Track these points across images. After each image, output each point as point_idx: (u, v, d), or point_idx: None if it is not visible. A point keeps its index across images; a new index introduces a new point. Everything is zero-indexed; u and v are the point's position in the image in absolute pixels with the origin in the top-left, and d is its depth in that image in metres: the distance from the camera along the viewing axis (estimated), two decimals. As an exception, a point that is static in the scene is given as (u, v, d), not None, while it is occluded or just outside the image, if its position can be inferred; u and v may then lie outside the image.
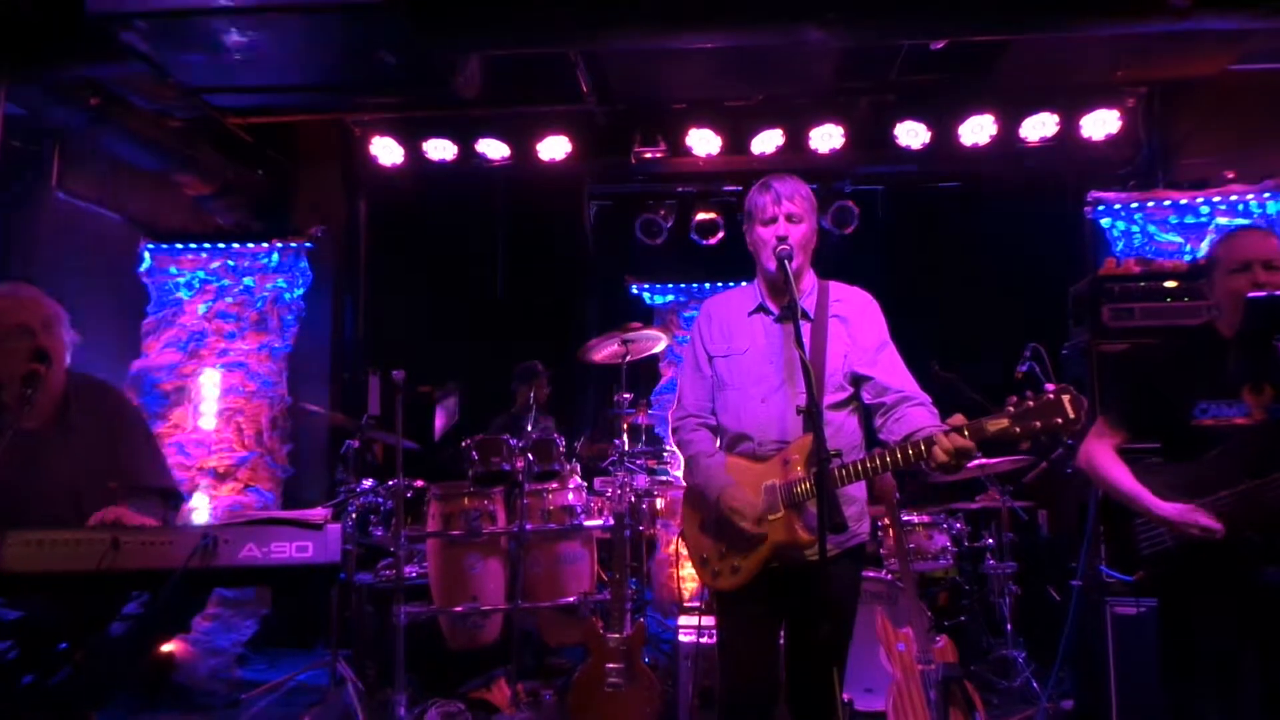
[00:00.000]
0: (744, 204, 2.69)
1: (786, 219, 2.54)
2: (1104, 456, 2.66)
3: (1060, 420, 2.16)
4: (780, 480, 2.46)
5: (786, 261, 2.46)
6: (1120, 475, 2.60)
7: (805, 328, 2.50)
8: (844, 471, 2.40)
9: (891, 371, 2.57)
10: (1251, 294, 2.45)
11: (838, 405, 2.57)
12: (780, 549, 2.46)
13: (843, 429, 2.57)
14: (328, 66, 4.81)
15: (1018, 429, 2.20)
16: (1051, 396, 2.18)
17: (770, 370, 2.58)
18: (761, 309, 2.67)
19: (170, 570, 2.24)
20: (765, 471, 2.50)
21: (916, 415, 2.43)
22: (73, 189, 5.60)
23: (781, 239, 2.51)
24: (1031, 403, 2.20)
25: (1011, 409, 2.23)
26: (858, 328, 2.61)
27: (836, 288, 2.69)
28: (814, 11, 4.06)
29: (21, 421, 2.45)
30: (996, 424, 2.23)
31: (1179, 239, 5.39)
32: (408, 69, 4.65)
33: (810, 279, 2.68)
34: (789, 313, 2.50)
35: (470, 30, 4.34)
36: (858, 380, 2.60)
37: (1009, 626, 4.69)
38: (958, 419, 2.27)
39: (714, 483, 2.55)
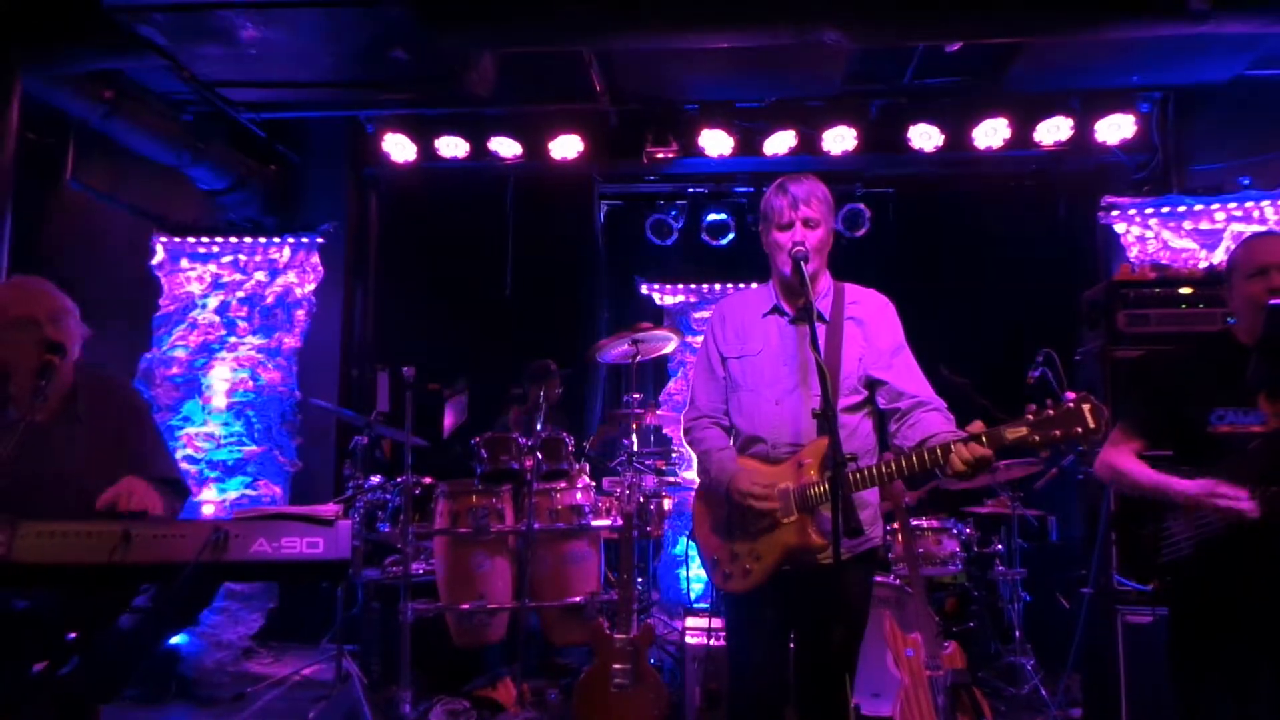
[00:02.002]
0: (760, 205, 2.67)
1: (803, 224, 2.52)
2: (1122, 459, 2.63)
3: (1081, 429, 2.14)
4: (794, 484, 2.44)
5: (802, 263, 2.45)
6: (1139, 470, 2.57)
7: (820, 330, 2.48)
8: (859, 476, 2.37)
9: (907, 376, 2.55)
10: (1273, 301, 2.43)
11: (852, 408, 2.55)
12: (793, 552, 2.44)
13: (857, 432, 2.56)
14: (342, 62, 4.81)
15: (1037, 437, 2.18)
16: (1072, 405, 2.15)
17: (784, 372, 2.57)
18: (776, 310, 2.65)
19: (181, 564, 2.23)
20: (778, 474, 2.48)
21: (932, 420, 2.41)
22: (86, 181, 5.62)
23: (797, 244, 2.49)
24: (1052, 411, 2.18)
25: (1031, 417, 2.20)
26: (873, 330, 2.59)
27: (852, 290, 2.67)
28: (830, 12, 4.05)
29: (34, 414, 2.45)
30: (1015, 432, 2.20)
31: (1194, 245, 5.36)
32: (421, 66, 4.67)
33: (826, 281, 2.66)
34: (804, 314, 2.48)
35: (483, 27, 4.35)
36: (872, 384, 2.58)
37: (1018, 633, 4.66)
38: (976, 426, 2.24)
39: (725, 472, 2.53)
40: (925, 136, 5.79)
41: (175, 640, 4.85)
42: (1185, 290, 4.27)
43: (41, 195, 5.36)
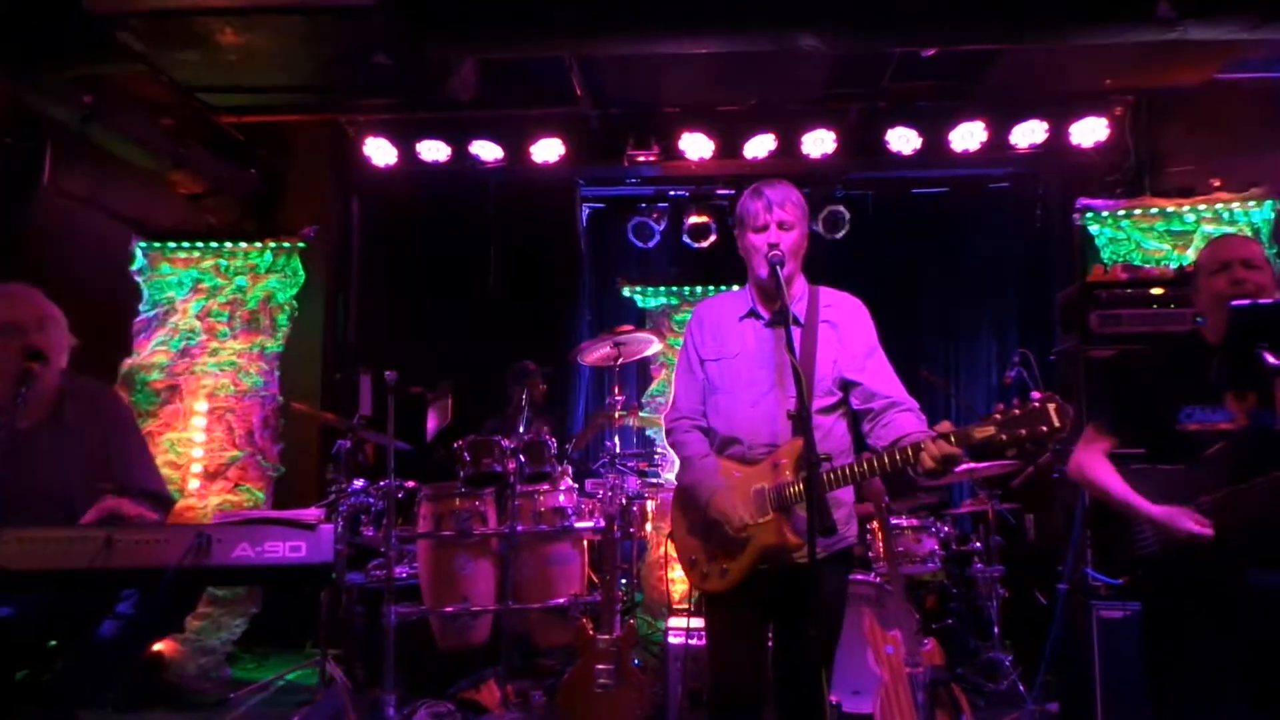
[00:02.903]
0: (735, 209, 2.71)
1: (778, 226, 2.57)
2: (1094, 462, 2.69)
3: (1045, 428, 2.19)
4: (770, 484, 2.49)
5: (778, 267, 2.49)
6: (1110, 480, 2.63)
7: (796, 333, 2.53)
8: (833, 476, 2.42)
9: (880, 377, 2.60)
10: (1235, 302, 2.49)
11: (827, 410, 2.60)
12: (769, 552, 2.48)
13: (832, 433, 2.60)
14: (323, 67, 4.81)
15: (1004, 436, 2.23)
16: (1037, 405, 2.21)
17: (761, 374, 2.61)
18: (753, 314, 2.69)
19: (164, 569, 2.25)
20: (755, 475, 2.53)
21: (904, 421, 2.46)
22: (65, 187, 5.59)
23: (773, 246, 2.54)
24: (1018, 411, 2.23)
25: (998, 416, 2.26)
26: (847, 333, 2.64)
27: (827, 293, 2.71)
28: (807, 18, 4.10)
29: (15, 420, 2.46)
30: (983, 431, 2.26)
31: (1166, 246, 5.45)
32: (403, 71, 4.67)
33: (801, 284, 2.70)
34: (780, 318, 2.53)
35: (465, 33, 4.37)
36: (846, 385, 2.62)
37: (996, 629, 4.72)
38: (945, 426, 2.29)
39: (705, 484, 2.58)
40: (903, 140, 5.85)
41: (158, 646, 4.84)
42: (1156, 291, 4.35)
43: (19, 200, 5.32)
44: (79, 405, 2.74)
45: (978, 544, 4.90)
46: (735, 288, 2.86)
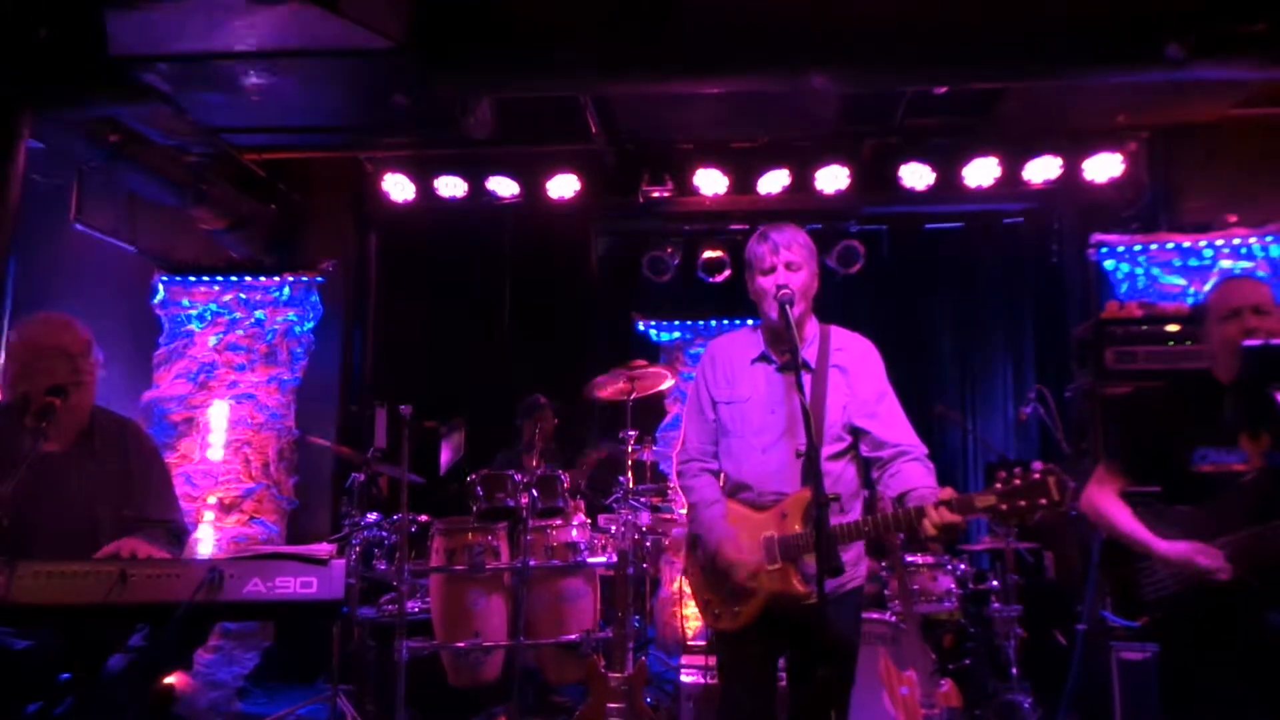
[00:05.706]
0: (744, 254, 2.74)
1: (785, 267, 2.59)
2: (1105, 500, 2.68)
3: (1045, 501, 2.22)
4: (778, 534, 2.50)
5: (788, 306, 2.51)
6: (1121, 517, 2.62)
7: (806, 378, 2.54)
8: (840, 531, 2.44)
9: (889, 424, 2.60)
10: (1247, 342, 2.48)
11: (836, 455, 2.61)
12: (777, 599, 2.50)
13: (841, 478, 2.61)
14: (343, 107, 4.92)
15: (1004, 506, 2.26)
16: (1038, 477, 2.24)
17: (772, 420, 2.62)
18: (764, 358, 2.70)
19: (177, 603, 2.26)
20: (764, 522, 2.54)
21: (911, 472, 2.48)
22: (90, 221, 5.71)
23: (781, 287, 2.55)
24: (1019, 481, 2.26)
25: (1000, 486, 2.29)
26: (857, 378, 2.64)
27: (838, 335, 2.72)
28: (818, 58, 4.16)
29: (44, 445, 2.52)
30: (984, 500, 2.29)
31: (1182, 282, 5.42)
32: (421, 110, 4.75)
33: (813, 326, 2.71)
34: (791, 364, 2.54)
35: (481, 73, 4.46)
36: (856, 431, 2.63)
37: (1014, 670, 4.63)
38: (947, 492, 2.33)
39: (714, 534, 2.58)
40: (916, 175, 5.86)
41: (168, 679, 4.83)
42: (1172, 327, 4.33)
43: (46, 234, 5.44)
44: (107, 437, 2.85)
45: (995, 582, 4.83)
46: (750, 322, 2.87)
